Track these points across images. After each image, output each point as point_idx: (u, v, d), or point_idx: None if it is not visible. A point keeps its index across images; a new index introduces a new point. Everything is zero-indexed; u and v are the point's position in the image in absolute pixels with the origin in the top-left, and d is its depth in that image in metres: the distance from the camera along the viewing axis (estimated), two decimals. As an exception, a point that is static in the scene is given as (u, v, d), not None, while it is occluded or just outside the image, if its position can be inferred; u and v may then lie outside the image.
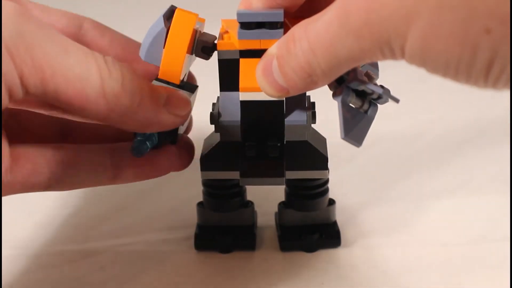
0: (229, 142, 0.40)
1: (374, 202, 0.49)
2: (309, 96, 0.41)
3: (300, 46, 0.31)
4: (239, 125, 0.39)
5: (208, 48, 0.39)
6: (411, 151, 0.56)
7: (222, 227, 0.44)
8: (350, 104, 0.35)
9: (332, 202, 0.45)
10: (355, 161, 0.54)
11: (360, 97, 0.35)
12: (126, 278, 0.43)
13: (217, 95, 0.41)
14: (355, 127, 0.34)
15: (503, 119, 0.58)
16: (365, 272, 0.42)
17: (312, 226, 0.44)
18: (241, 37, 0.37)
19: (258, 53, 0.35)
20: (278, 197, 0.45)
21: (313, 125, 0.40)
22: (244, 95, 0.38)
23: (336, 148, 0.44)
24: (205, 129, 0.42)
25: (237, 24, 0.37)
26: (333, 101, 0.35)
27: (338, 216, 0.45)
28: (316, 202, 0.43)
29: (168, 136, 0.38)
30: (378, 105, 0.35)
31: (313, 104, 0.40)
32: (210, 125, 0.40)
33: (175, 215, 0.49)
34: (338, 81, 0.34)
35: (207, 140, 0.42)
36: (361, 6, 0.29)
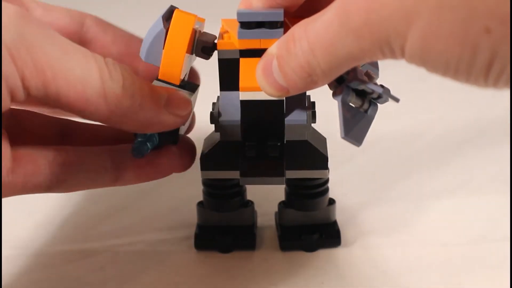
0: (229, 142, 0.40)
1: (374, 202, 0.49)
2: (309, 96, 0.41)
3: (300, 46, 0.31)
4: (239, 125, 0.39)
5: (208, 48, 0.39)
6: (411, 151, 0.56)
7: (222, 227, 0.44)
8: (350, 104, 0.35)
9: (332, 202, 0.45)
10: (355, 161, 0.54)
11: (360, 97, 0.35)
12: (126, 278, 0.43)
13: (217, 95, 0.41)
14: (355, 127, 0.34)
15: (503, 119, 0.58)
16: (365, 272, 0.42)
17: (312, 226, 0.44)
18: (241, 37, 0.37)
19: (258, 53, 0.35)
20: (278, 197, 0.45)
21: (313, 125, 0.40)
22: (244, 95, 0.38)
23: (336, 148, 0.44)
24: (205, 129, 0.42)
25: (237, 24, 0.37)
26: (333, 101, 0.35)
27: (338, 216, 0.45)
28: (316, 202, 0.43)
29: (169, 137, 0.38)
30: (378, 105, 0.35)
31: (313, 104, 0.40)
32: (210, 125, 0.40)
33: (175, 215, 0.49)
34: (338, 81, 0.34)
35: (207, 140, 0.42)
36: (361, 6, 0.29)
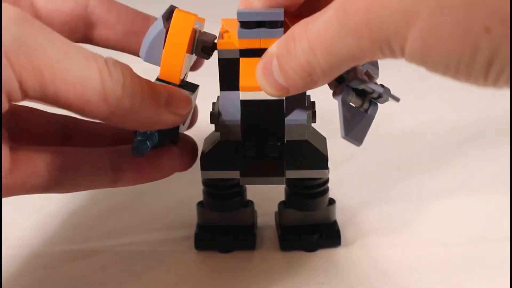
0: (229, 142, 0.40)
1: (374, 202, 0.49)
2: (309, 96, 0.41)
3: (300, 45, 0.31)
4: (239, 125, 0.39)
5: (208, 48, 0.39)
6: (411, 151, 0.56)
7: (222, 227, 0.44)
8: (350, 103, 0.35)
9: (332, 202, 0.44)
10: (355, 161, 0.54)
11: (360, 96, 0.35)
12: (126, 278, 0.42)
13: (217, 95, 0.41)
14: (356, 126, 0.34)
15: (503, 119, 0.58)
16: (365, 272, 0.42)
17: (312, 226, 0.44)
18: (241, 36, 0.37)
19: (258, 52, 0.35)
20: (278, 197, 0.45)
21: (313, 125, 0.40)
22: (244, 95, 0.38)
23: (336, 148, 0.44)
24: (205, 129, 0.42)
25: (237, 24, 0.37)
26: (333, 100, 0.35)
27: (338, 216, 0.45)
28: (316, 202, 0.43)
29: (169, 136, 0.38)
30: (378, 104, 0.35)
31: (313, 104, 0.40)
32: (210, 125, 0.40)
33: (175, 215, 0.49)
34: (338, 80, 0.34)
35: (207, 140, 0.42)
36: (361, 6, 0.29)
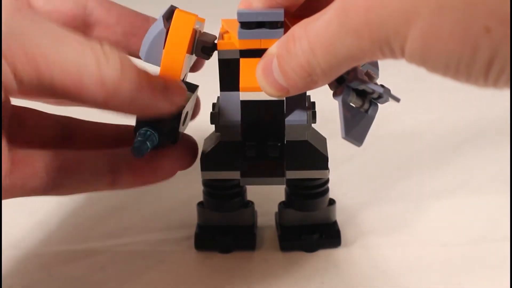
0: (230, 142, 0.40)
1: (374, 202, 0.49)
2: (309, 96, 0.41)
3: (300, 46, 0.31)
4: (240, 125, 0.39)
5: (208, 48, 0.39)
6: (411, 151, 0.56)
7: (222, 227, 0.44)
8: (351, 104, 0.35)
9: (332, 202, 0.44)
10: (355, 161, 0.54)
11: (361, 97, 0.35)
12: (126, 278, 0.42)
13: (217, 95, 0.41)
14: (356, 127, 0.34)
15: (503, 119, 0.58)
16: (365, 272, 0.42)
17: (312, 226, 0.44)
18: (241, 37, 0.37)
19: (259, 53, 0.35)
20: (278, 197, 0.45)
21: (313, 125, 0.40)
22: (244, 95, 0.38)
23: (336, 148, 0.44)
24: (205, 129, 0.42)
25: (237, 24, 0.37)
26: (334, 101, 0.35)
27: (338, 216, 0.45)
28: (316, 202, 0.43)
29: (169, 136, 0.38)
30: (379, 105, 0.35)
31: (313, 104, 0.40)
32: (210, 125, 0.40)
33: (175, 215, 0.49)
34: (339, 81, 0.34)
35: (207, 140, 0.42)
36: (361, 6, 0.29)
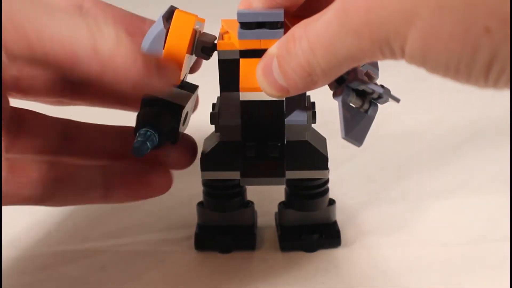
0: (229, 142, 0.40)
1: (374, 202, 0.49)
2: (309, 96, 0.41)
3: (300, 46, 0.31)
4: (239, 125, 0.39)
5: (208, 48, 0.39)
6: (411, 151, 0.56)
7: (222, 227, 0.44)
8: (351, 104, 0.35)
9: (332, 202, 0.44)
10: (355, 161, 0.54)
11: (361, 97, 0.35)
12: (126, 278, 0.42)
13: (217, 95, 0.41)
14: (356, 127, 0.34)
15: (503, 119, 0.58)
16: (365, 272, 0.42)
17: (312, 226, 0.44)
18: (241, 37, 0.37)
19: (258, 53, 0.35)
20: (278, 197, 0.45)
21: (313, 125, 0.40)
22: (244, 95, 0.38)
23: (336, 148, 0.44)
24: (205, 129, 0.42)
25: (237, 24, 0.37)
26: (333, 101, 0.35)
27: (338, 216, 0.45)
28: (316, 202, 0.43)
29: (169, 136, 0.38)
30: (379, 105, 0.35)
31: (313, 104, 0.40)
32: (210, 125, 0.40)
33: (175, 215, 0.49)
34: (339, 81, 0.34)
35: (207, 140, 0.42)
36: (361, 6, 0.29)
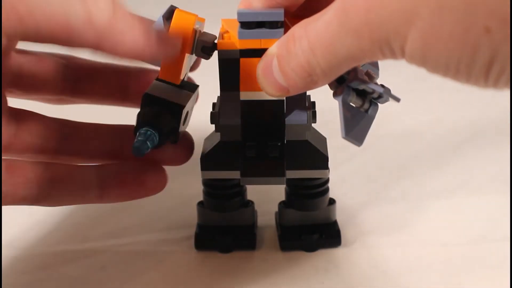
0: (230, 142, 0.40)
1: (374, 202, 0.49)
2: (309, 96, 0.41)
3: (300, 46, 0.31)
4: (240, 125, 0.39)
5: (208, 48, 0.39)
6: (411, 151, 0.56)
7: (222, 227, 0.44)
8: (351, 104, 0.35)
9: (332, 202, 0.44)
10: (355, 161, 0.54)
11: (361, 97, 0.35)
12: (126, 278, 0.42)
13: (217, 95, 0.41)
14: (356, 127, 0.34)
15: (503, 119, 0.58)
16: (365, 272, 0.42)
17: (312, 226, 0.44)
18: (242, 37, 0.37)
19: (259, 53, 0.35)
20: (278, 197, 0.45)
21: (313, 125, 0.40)
22: (245, 95, 0.38)
23: (336, 148, 0.44)
24: (205, 129, 0.42)
25: (237, 24, 0.37)
26: (334, 101, 0.35)
27: (338, 216, 0.45)
28: (316, 202, 0.43)
29: (169, 136, 0.38)
30: (379, 105, 0.35)
31: (313, 104, 0.40)
32: (210, 125, 0.40)
33: (175, 215, 0.49)
34: (339, 81, 0.34)
35: (207, 140, 0.42)
36: (361, 6, 0.29)
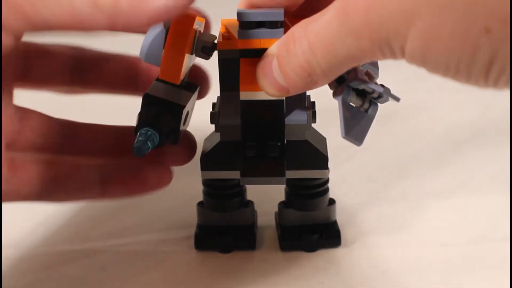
0: (230, 142, 0.40)
1: (374, 202, 0.49)
2: (309, 96, 0.41)
3: (300, 46, 0.31)
4: (239, 125, 0.39)
5: (208, 48, 0.39)
6: (411, 151, 0.56)
7: (222, 227, 0.44)
8: (351, 103, 0.35)
9: (332, 202, 0.44)
10: (355, 161, 0.54)
11: (361, 96, 0.35)
12: (126, 278, 0.42)
13: (217, 95, 0.41)
14: (356, 126, 0.34)
15: (503, 119, 0.58)
16: (365, 272, 0.42)
17: (312, 226, 0.44)
18: (241, 37, 0.37)
19: (258, 53, 0.35)
20: (278, 197, 0.45)
21: (313, 125, 0.40)
22: (245, 95, 0.38)
23: (336, 148, 0.44)
24: (205, 129, 0.42)
25: (237, 24, 0.37)
26: (333, 100, 0.35)
27: (338, 216, 0.45)
28: (316, 202, 0.43)
29: (169, 136, 0.38)
30: (379, 104, 0.35)
31: (313, 104, 0.40)
32: (210, 125, 0.40)
33: (175, 215, 0.49)
34: (339, 81, 0.34)
35: (207, 140, 0.42)
36: (361, 6, 0.29)
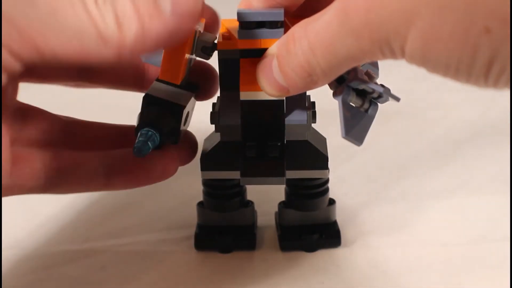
0: (230, 142, 0.40)
1: (374, 202, 0.49)
2: (309, 96, 0.41)
3: (300, 46, 0.31)
4: (240, 125, 0.39)
5: (208, 48, 0.39)
6: (411, 151, 0.56)
7: (222, 227, 0.44)
8: (351, 103, 0.35)
9: (332, 202, 0.45)
10: (355, 161, 0.54)
11: (361, 96, 0.35)
12: (127, 278, 0.42)
13: (217, 95, 0.41)
14: (356, 126, 0.34)
15: (503, 119, 0.58)
16: (365, 272, 0.42)
17: (312, 226, 0.44)
18: (241, 37, 0.37)
19: (259, 53, 0.35)
20: (278, 197, 0.45)
21: (313, 125, 0.40)
22: (245, 95, 0.38)
23: (336, 148, 0.44)
24: (205, 129, 0.42)
25: (237, 24, 0.37)
26: (333, 100, 0.35)
27: (338, 216, 0.45)
28: (316, 202, 0.43)
29: (170, 137, 0.38)
30: (379, 104, 0.35)
31: (313, 104, 0.40)
32: (210, 125, 0.40)
33: (175, 215, 0.49)
34: (339, 81, 0.34)
35: (207, 140, 0.42)
36: (361, 6, 0.29)
